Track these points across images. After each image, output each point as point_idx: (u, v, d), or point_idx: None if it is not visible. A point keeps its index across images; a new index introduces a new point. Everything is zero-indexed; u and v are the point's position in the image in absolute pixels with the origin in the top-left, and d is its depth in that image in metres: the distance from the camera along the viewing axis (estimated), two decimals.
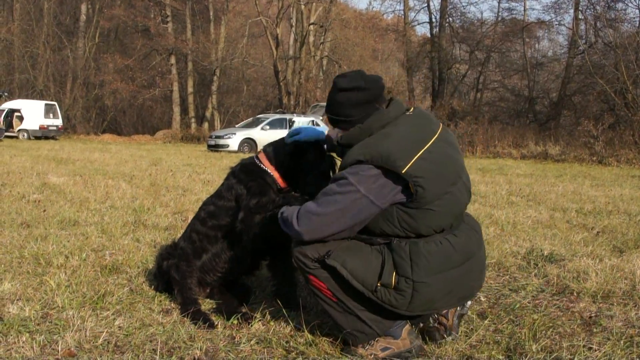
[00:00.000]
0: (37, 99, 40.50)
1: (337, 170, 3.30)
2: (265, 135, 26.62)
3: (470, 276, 2.97)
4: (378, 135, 2.88)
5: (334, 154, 3.49)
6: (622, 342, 3.15)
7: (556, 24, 41.42)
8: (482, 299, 3.97)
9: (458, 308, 3.17)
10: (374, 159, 2.77)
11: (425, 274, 2.77)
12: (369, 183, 2.76)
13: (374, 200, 2.77)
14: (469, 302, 3.23)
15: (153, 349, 2.98)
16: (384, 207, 2.80)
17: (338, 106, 3.02)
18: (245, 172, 3.65)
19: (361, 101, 2.97)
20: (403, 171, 2.73)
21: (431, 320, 3.14)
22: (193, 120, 46.57)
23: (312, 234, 2.82)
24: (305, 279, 2.98)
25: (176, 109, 47.02)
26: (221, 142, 27.31)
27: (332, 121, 3.09)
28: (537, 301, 3.92)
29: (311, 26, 40.54)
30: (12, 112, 36.17)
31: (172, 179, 11.53)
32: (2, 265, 4.47)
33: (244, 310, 3.54)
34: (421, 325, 3.18)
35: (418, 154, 2.78)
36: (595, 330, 3.37)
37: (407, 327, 2.96)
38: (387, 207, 2.81)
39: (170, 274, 3.73)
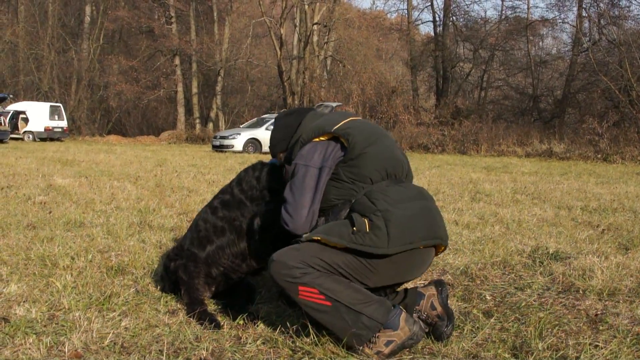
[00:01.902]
0: (42, 101, 40.68)
1: None
2: (269, 136, 26.61)
3: (431, 214, 3.17)
4: (307, 126, 3.36)
5: None
6: (628, 339, 3.15)
7: (560, 22, 41.26)
8: (488, 297, 3.97)
9: (438, 294, 3.26)
10: (309, 137, 3.24)
11: (387, 204, 3.02)
12: (312, 156, 3.17)
13: (322, 164, 3.14)
14: (447, 288, 3.33)
15: (159, 350, 2.99)
16: (331, 167, 3.16)
17: (286, 127, 3.53)
18: (272, 179, 3.68)
19: (296, 122, 3.47)
20: (332, 129, 3.19)
21: (421, 323, 3.14)
22: (197, 120, 46.65)
23: (301, 224, 3.11)
24: (295, 297, 2.96)
25: (181, 110, 47.10)
26: (226, 142, 27.36)
27: (276, 146, 3.61)
28: (542, 299, 3.91)
29: (315, 26, 40.50)
30: (17, 114, 36.28)
31: (177, 180, 11.55)
32: (9, 267, 4.48)
33: (250, 310, 3.55)
34: (418, 318, 3.22)
35: (343, 121, 3.25)
36: (601, 328, 3.36)
37: (403, 315, 2.98)
38: (334, 168, 3.16)
39: (178, 274, 3.73)
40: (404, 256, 3.00)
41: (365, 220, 2.96)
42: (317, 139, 3.22)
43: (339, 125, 3.20)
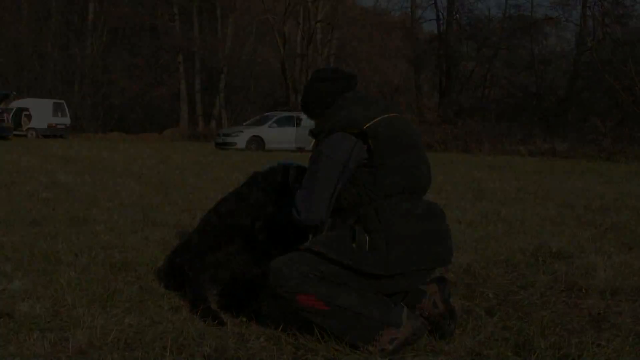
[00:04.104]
0: (45, 98, 40.65)
1: None
2: (272, 133, 26.66)
3: (439, 235, 3.10)
4: (342, 110, 3.13)
5: None
6: (630, 338, 3.15)
7: (564, 21, 41.17)
8: (490, 295, 3.97)
9: (440, 292, 3.25)
10: (341, 125, 3.03)
11: (393, 224, 2.93)
12: (339, 148, 2.99)
13: (346, 163, 2.98)
14: (449, 286, 3.34)
15: (163, 347, 2.99)
16: (352, 169, 3.01)
17: (317, 94, 3.27)
18: (277, 193, 3.66)
19: (338, 90, 3.22)
20: (365, 126, 2.98)
21: (423, 319, 3.13)
22: (201, 118, 46.72)
23: (313, 217, 3.03)
24: (294, 305, 2.98)
25: (184, 107, 47.16)
26: (229, 140, 27.39)
27: (308, 109, 3.36)
28: (545, 298, 3.91)
29: (318, 24, 40.52)
30: (20, 110, 36.27)
31: (180, 177, 11.56)
32: (13, 263, 4.48)
33: (253, 308, 3.55)
34: (420, 315, 3.21)
35: (379, 118, 3.04)
36: (604, 326, 3.36)
37: (406, 311, 2.97)
38: (354, 168, 3.02)
39: (183, 270, 3.74)
40: (403, 275, 3.00)
41: (367, 238, 2.92)
42: (346, 130, 3.02)
43: (372, 122, 3.00)
